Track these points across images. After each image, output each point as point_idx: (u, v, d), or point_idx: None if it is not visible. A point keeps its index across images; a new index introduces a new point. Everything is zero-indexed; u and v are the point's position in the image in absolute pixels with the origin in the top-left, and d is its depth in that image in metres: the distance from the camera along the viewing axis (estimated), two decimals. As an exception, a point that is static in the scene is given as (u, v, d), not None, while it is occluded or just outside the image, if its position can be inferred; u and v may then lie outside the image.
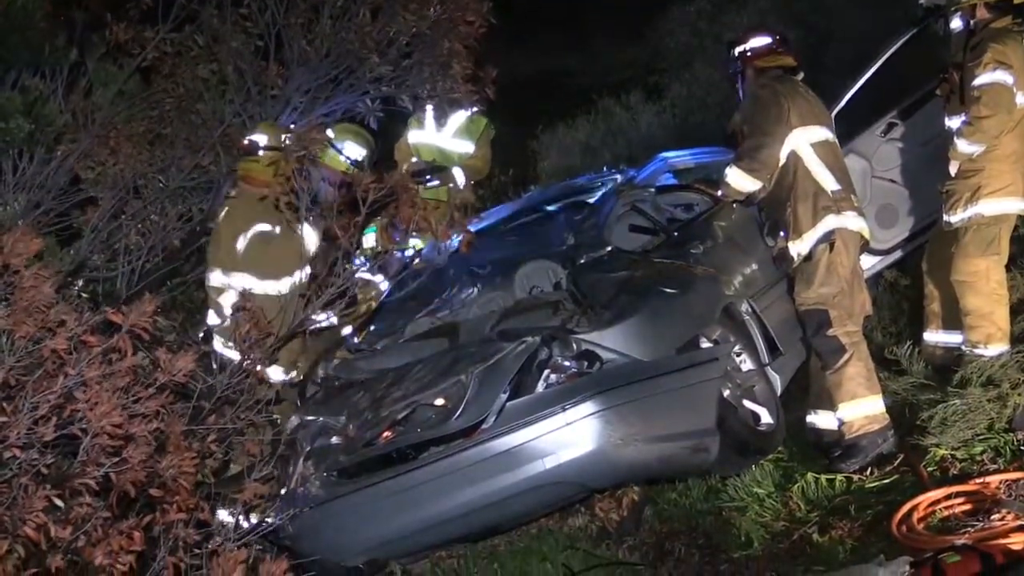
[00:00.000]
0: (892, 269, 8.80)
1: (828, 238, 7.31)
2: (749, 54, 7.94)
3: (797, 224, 7.39)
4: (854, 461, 7.09)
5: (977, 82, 7.33)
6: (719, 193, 8.15)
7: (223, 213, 8.14)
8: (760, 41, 7.97)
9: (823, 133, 7.60)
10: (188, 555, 6.07)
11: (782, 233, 7.60)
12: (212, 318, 7.87)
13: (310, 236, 8.00)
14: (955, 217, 7.49)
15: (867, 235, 7.65)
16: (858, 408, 7.15)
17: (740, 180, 7.72)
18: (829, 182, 7.42)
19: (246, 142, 8.14)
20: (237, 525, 6.56)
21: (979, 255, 7.50)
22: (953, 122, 7.55)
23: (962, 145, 7.44)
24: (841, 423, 7.20)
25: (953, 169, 7.61)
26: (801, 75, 8.00)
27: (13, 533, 5.56)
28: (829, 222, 7.32)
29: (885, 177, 8.68)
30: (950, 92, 7.67)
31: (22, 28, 8.59)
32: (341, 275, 7.83)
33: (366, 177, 7.91)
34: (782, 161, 7.50)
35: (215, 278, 7.96)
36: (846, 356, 7.18)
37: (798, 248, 7.40)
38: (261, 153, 8.04)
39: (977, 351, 7.35)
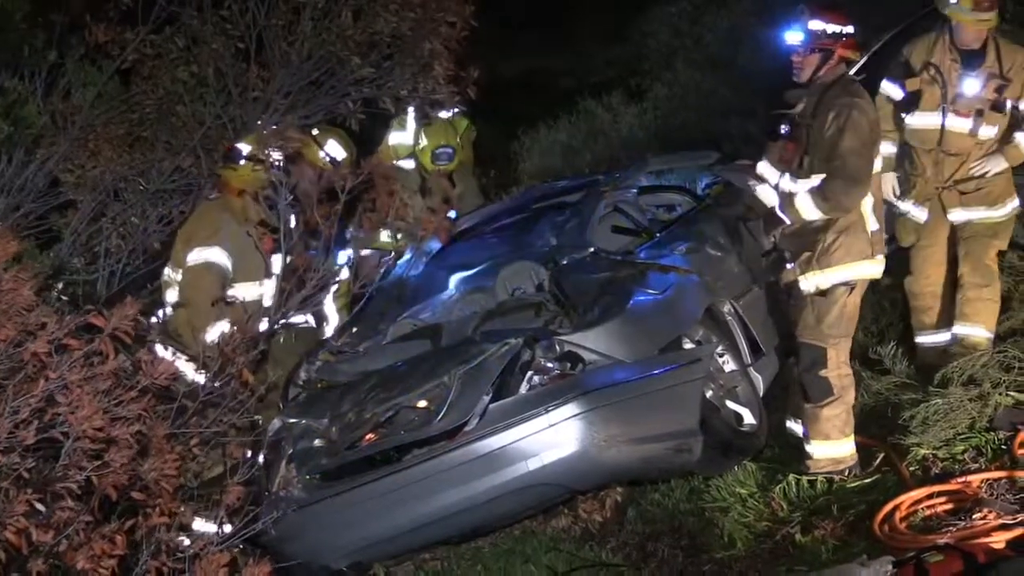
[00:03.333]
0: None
1: (850, 282, 7.04)
2: (845, 40, 7.02)
3: (828, 257, 7.00)
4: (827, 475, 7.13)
5: None
6: (787, 219, 7.24)
7: (195, 213, 8.18)
8: (850, 28, 7.07)
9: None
10: (171, 559, 6.08)
11: (789, 266, 7.26)
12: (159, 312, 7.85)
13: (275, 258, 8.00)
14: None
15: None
16: (827, 450, 7.10)
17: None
18: (872, 220, 7.04)
19: (230, 148, 8.18)
20: (220, 528, 6.57)
21: None
22: None
23: None
24: (809, 456, 7.16)
25: None
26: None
27: (-7, 534, 5.58)
28: (858, 268, 7.02)
29: None
30: None
31: (1, 29, 8.60)
32: (320, 268, 7.86)
33: (344, 170, 7.95)
34: None
35: (167, 271, 7.97)
36: (831, 398, 7.05)
37: (815, 282, 7.04)
38: (242, 162, 8.09)
39: None
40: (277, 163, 8.02)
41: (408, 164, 10.75)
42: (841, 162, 6.78)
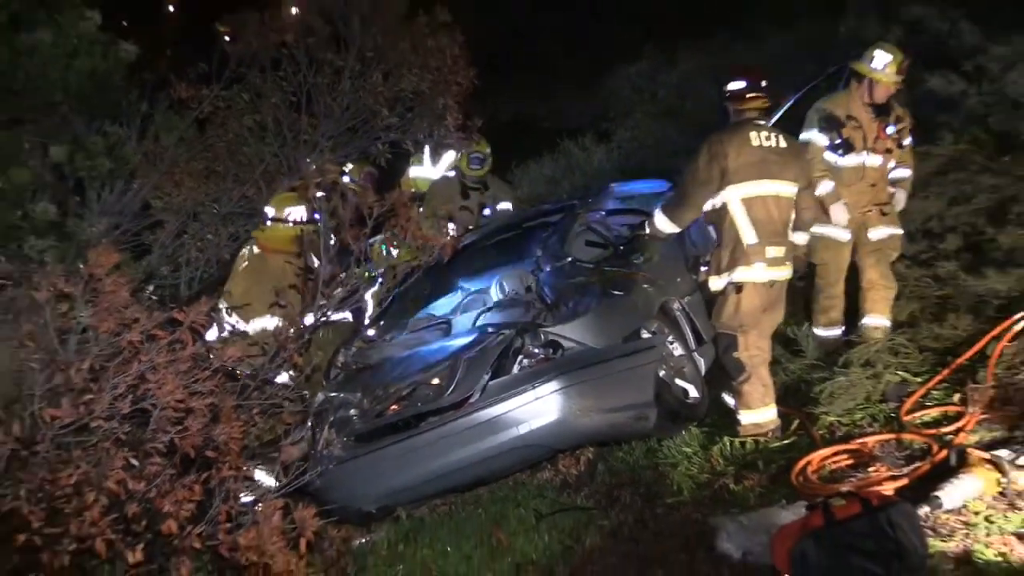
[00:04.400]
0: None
1: (739, 283, 7.07)
2: (728, 95, 7.29)
3: (720, 265, 7.15)
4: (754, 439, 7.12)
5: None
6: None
7: (241, 266, 8.07)
8: (737, 84, 7.28)
9: (763, 187, 7.04)
10: (237, 504, 6.05)
11: (703, 268, 7.41)
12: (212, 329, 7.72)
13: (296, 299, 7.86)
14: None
15: (779, 278, 7.22)
16: (751, 416, 7.13)
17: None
18: (750, 234, 7.01)
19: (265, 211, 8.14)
20: (276, 479, 6.55)
21: None
22: None
23: None
24: (739, 423, 7.18)
25: None
26: (765, 121, 7.43)
27: (99, 486, 5.55)
28: (739, 273, 7.05)
29: None
30: None
31: (105, 87, 8.57)
32: (353, 276, 7.83)
33: (372, 197, 7.91)
34: (718, 211, 7.14)
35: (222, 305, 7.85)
36: (745, 375, 7.10)
37: (718, 283, 7.21)
38: (268, 223, 8.04)
39: None
40: (319, 195, 7.99)
41: (451, 173, 10.86)
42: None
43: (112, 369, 5.90)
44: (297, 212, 8.05)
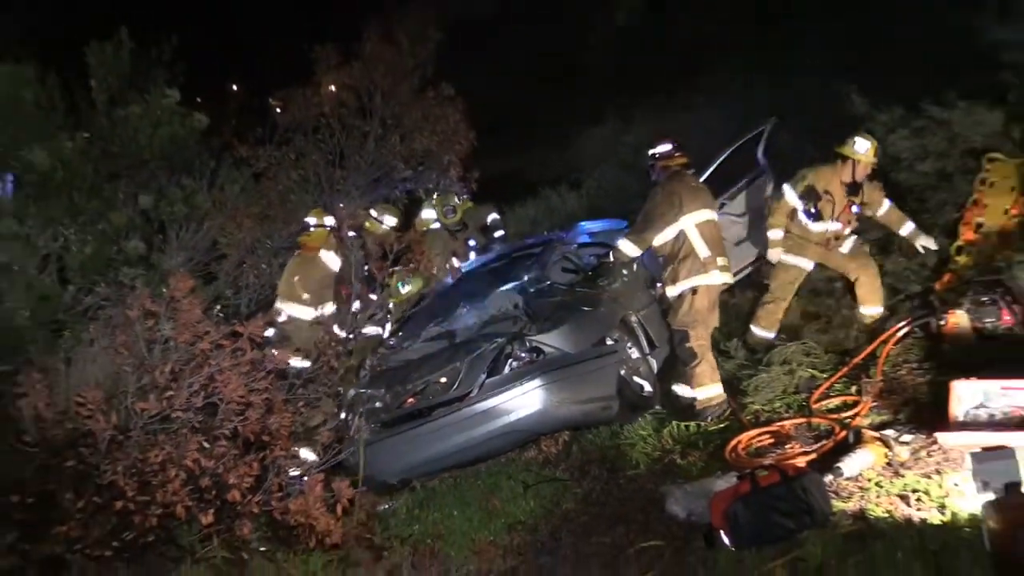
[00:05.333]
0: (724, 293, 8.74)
1: (694, 287, 7.16)
2: (659, 157, 7.53)
3: (677, 276, 7.19)
4: (702, 418, 7.08)
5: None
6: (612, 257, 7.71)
7: (290, 262, 8.18)
8: (664, 147, 7.57)
9: (705, 215, 7.28)
10: (287, 477, 6.06)
11: (659, 285, 7.47)
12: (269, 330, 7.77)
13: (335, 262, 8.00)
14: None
15: (728, 281, 7.47)
16: (705, 392, 7.11)
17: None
18: (703, 249, 7.18)
19: (304, 223, 8.26)
20: (318, 457, 6.55)
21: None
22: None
23: None
24: (695, 399, 7.14)
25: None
26: (692, 171, 7.68)
27: (178, 464, 5.57)
28: (697, 278, 7.16)
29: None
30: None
31: (182, 149, 8.61)
32: (378, 300, 7.88)
33: (392, 237, 7.97)
34: (673, 235, 7.24)
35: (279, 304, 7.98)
36: (697, 360, 7.11)
37: (675, 290, 7.22)
38: (312, 229, 8.15)
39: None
40: (350, 233, 8.06)
41: (435, 225, 10.74)
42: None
43: (188, 371, 5.94)
44: (329, 220, 8.37)
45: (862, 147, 7.66)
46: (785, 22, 15.26)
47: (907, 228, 7.78)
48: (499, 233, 10.74)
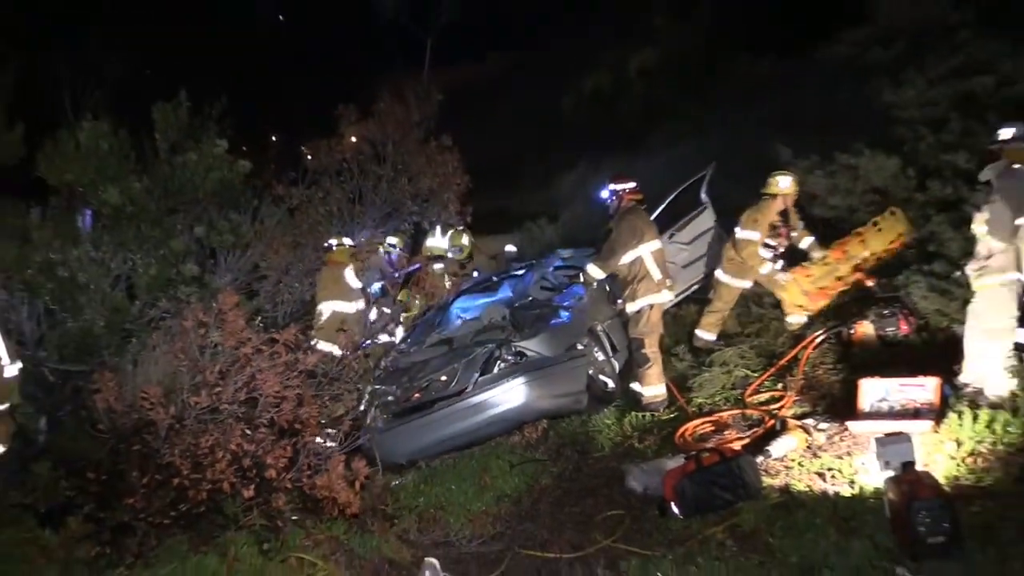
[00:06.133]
0: (675, 307, 8.73)
1: (650, 304, 7.13)
2: (621, 192, 7.38)
3: (636, 295, 7.15)
4: (652, 411, 7.06)
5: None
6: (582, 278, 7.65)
7: (319, 275, 8.20)
8: (628, 184, 7.43)
9: (656, 244, 7.25)
10: (315, 458, 6.03)
11: (619, 301, 7.44)
12: (315, 327, 7.80)
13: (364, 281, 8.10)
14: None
15: (672, 299, 7.52)
16: (652, 391, 7.09)
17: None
18: (656, 272, 7.15)
19: (326, 244, 8.36)
20: (340, 443, 6.52)
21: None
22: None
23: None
24: (643, 396, 7.13)
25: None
26: (644, 206, 7.60)
27: (225, 447, 5.54)
28: (651, 297, 7.13)
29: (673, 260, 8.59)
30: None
31: (229, 189, 8.60)
32: (391, 311, 7.86)
33: (404, 260, 7.96)
34: (631, 260, 7.17)
35: (319, 305, 7.97)
36: (649, 363, 7.08)
37: (634, 306, 7.18)
38: (334, 248, 8.19)
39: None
40: (366, 258, 8.09)
41: (450, 255, 10.73)
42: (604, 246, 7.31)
43: (233, 371, 5.90)
44: (347, 240, 8.48)
45: (785, 182, 7.73)
46: (721, 91, 15.47)
47: (807, 242, 7.87)
48: (514, 258, 10.77)
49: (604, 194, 7.46)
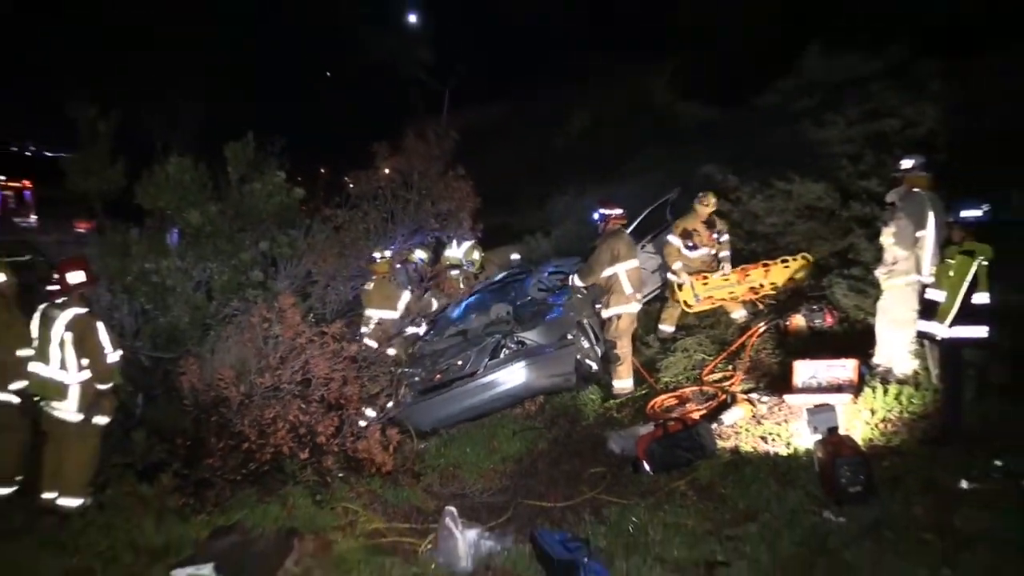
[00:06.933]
0: (647, 303, 8.67)
1: (619, 313, 7.03)
2: (609, 216, 7.23)
3: (609, 304, 7.07)
4: (619, 399, 6.97)
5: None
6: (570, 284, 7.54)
7: (368, 285, 8.18)
8: (616, 211, 7.27)
9: (632, 263, 7.06)
10: (356, 427, 6.04)
11: (598, 306, 7.36)
12: (363, 328, 7.79)
13: (405, 295, 8.01)
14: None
15: (639, 310, 7.24)
16: (622, 384, 7.01)
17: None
18: (628, 288, 7.00)
19: (369, 256, 8.38)
20: (377, 414, 6.52)
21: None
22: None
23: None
24: (614, 387, 7.04)
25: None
26: (627, 229, 7.51)
27: (284, 419, 5.55)
28: (621, 307, 7.02)
29: (644, 267, 8.56)
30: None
31: (287, 211, 8.59)
32: (418, 309, 7.86)
33: (427, 267, 7.95)
34: (608, 275, 7.06)
35: (367, 311, 7.96)
36: (621, 361, 7.00)
37: (607, 314, 7.11)
38: (377, 260, 8.21)
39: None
40: (398, 266, 8.08)
41: (466, 266, 10.71)
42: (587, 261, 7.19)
43: (291, 357, 5.90)
44: (387, 253, 8.51)
45: (708, 200, 7.64)
46: (681, 131, 15.54)
47: (723, 255, 7.77)
48: (518, 265, 10.75)
49: (595, 216, 7.38)
